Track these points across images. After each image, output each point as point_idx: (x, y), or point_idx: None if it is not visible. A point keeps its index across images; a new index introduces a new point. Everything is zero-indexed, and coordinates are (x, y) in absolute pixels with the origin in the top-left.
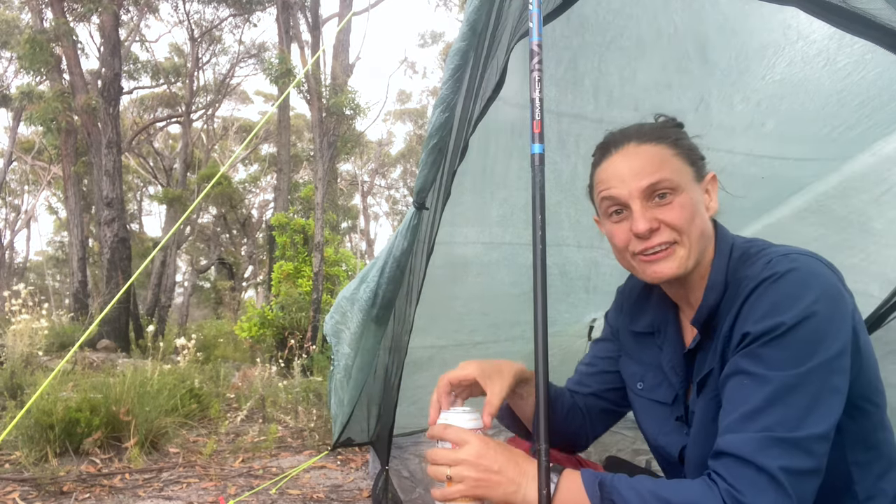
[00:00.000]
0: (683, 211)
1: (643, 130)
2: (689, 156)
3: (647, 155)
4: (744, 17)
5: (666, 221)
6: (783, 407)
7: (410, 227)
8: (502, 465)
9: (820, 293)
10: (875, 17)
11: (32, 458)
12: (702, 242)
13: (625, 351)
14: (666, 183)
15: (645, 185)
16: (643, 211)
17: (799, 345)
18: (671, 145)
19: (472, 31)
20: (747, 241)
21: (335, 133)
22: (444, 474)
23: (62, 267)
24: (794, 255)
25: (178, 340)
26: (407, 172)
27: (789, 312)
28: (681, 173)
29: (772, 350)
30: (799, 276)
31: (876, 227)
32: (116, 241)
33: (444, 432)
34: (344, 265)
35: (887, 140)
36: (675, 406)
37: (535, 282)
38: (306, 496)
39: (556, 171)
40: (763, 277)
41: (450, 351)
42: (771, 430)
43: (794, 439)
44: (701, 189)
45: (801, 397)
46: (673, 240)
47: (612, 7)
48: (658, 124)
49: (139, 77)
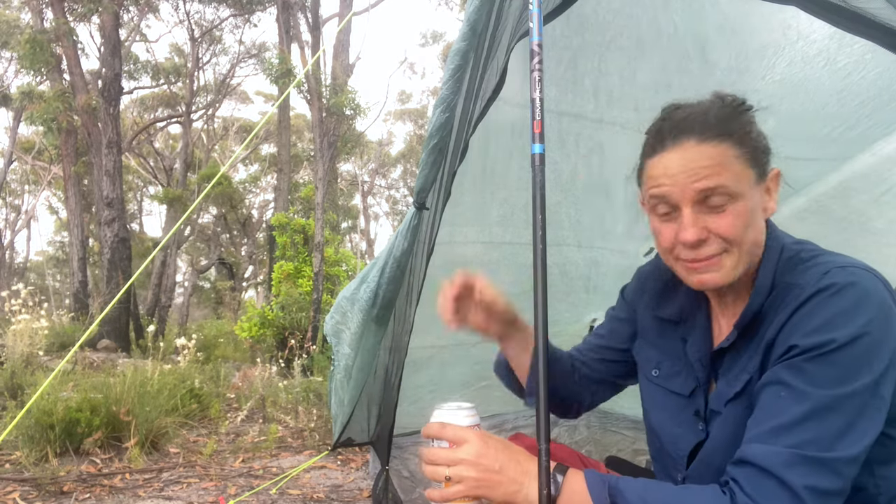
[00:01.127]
0: (737, 221)
1: (707, 122)
2: (755, 155)
3: (706, 156)
4: (744, 17)
5: (717, 232)
6: (819, 426)
7: (411, 227)
8: (503, 464)
9: (875, 313)
10: (875, 17)
11: (33, 458)
12: (753, 251)
13: (643, 335)
14: (722, 190)
15: (700, 189)
16: (694, 218)
17: (846, 365)
18: (736, 144)
19: (472, 32)
20: (797, 242)
21: (335, 133)
22: (442, 475)
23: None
24: (852, 268)
25: (179, 340)
26: (407, 172)
27: (843, 330)
28: (741, 178)
29: (816, 366)
30: (857, 292)
31: (876, 227)
32: (117, 241)
33: (442, 431)
34: (344, 265)
35: (887, 140)
36: (692, 399)
37: (536, 282)
38: (306, 496)
39: (556, 170)
40: (819, 288)
41: (450, 351)
42: (802, 447)
43: (825, 459)
44: (761, 190)
45: (838, 418)
46: (722, 250)
47: (612, 7)
48: (725, 113)
49: (139, 77)
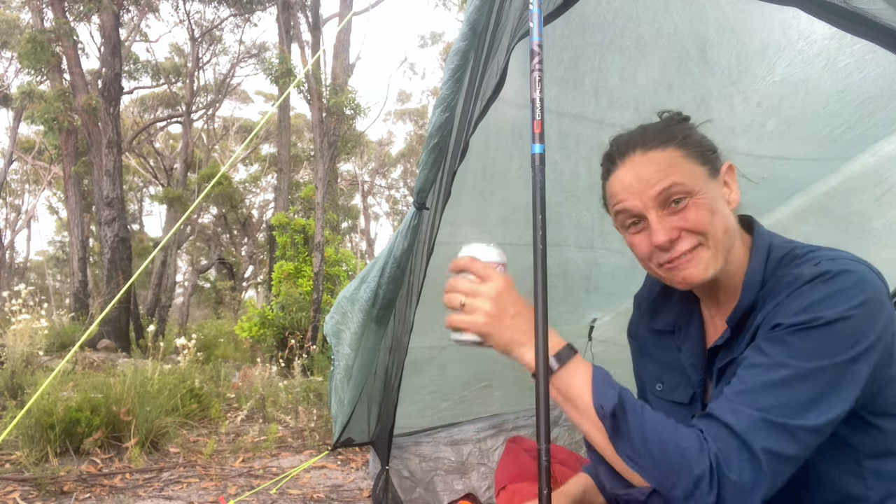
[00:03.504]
0: (701, 212)
1: (647, 135)
2: (701, 153)
3: (654, 162)
4: (744, 17)
5: (685, 227)
6: (787, 393)
7: (411, 227)
8: (518, 313)
9: (866, 298)
10: (875, 18)
11: (33, 457)
12: (727, 240)
13: (643, 351)
14: (678, 187)
15: (657, 192)
16: (660, 221)
17: (826, 340)
18: (679, 146)
19: (472, 32)
20: (788, 242)
21: (335, 133)
22: (458, 301)
23: (62, 267)
24: (844, 259)
25: (179, 340)
26: (407, 172)
27: (831, 310)
28: (693, 174)
29: (796, 339)
30: (851, 278)
31: (876, 227)
32: (117, 240)
33: (470, 264)
34: (344, 265)
35: (887, 140)
36: (692, 406)
37: (536, 282)
38: (306, 496)
39: (556, 171)
40: (814, 275)
41: (450, 351)
42: (767, 412)
43: (786, 425)
44: (718, 184)
45: (808, 389)
46: (697, 244)
47: (612, 7)
48: (662, 124)
49: (139, 77)
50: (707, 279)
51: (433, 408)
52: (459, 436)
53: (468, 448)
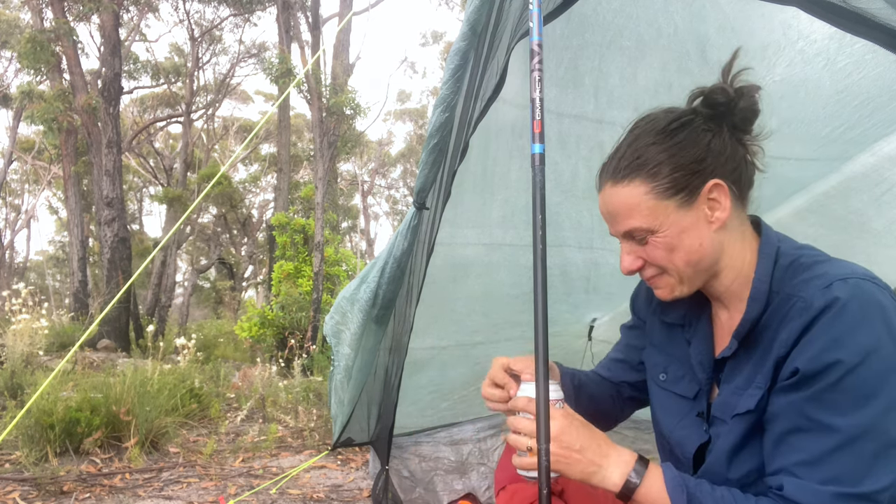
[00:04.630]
0: (657, 251)
1: (620, 164)
2: (672, 183)
3: (619, 199)
4: (744, 17)
5: (647, 259)
6: (847, 457)
7: (411, 227)
8: (584, 445)
9: (881, 326)
10: (875, 17)
11: (33, 457)
12: (692, 268)
13: (651, 341)
14: (637, 231)
15: (620, 231)
16: (627, 250)
17: (859, 387)
18: (647, 178)
19: (472, 31)
20: (798, 248)
21: (335, 133)
22: (525, 445)
23: (62, 267)
24: (854, 279)
25: (179, 340)
26: (407, 172)
27: (848, 349)
28: (655, 213)
29: (831, 393)
30: (859, 306)
31: (876, 227)
32: (117, 240)
33: (529, 405)
34: (344, 265)
35: (887, 140)
36: (696, 401)
37: (536, 282)
38: (306, 496)
39: (556, 171)
40: (822, 307)
41: (450, 351)
42: (837, 483)
43: (860, 494)
44: (695, 208)
45: (864, 447)
46: (659, 272)
47: (612, 7)
48: (639, 145)
49: (139, 77)
50: (677, 298)
51: (433, 408)
52: (459, 436)
53: (468, 448)
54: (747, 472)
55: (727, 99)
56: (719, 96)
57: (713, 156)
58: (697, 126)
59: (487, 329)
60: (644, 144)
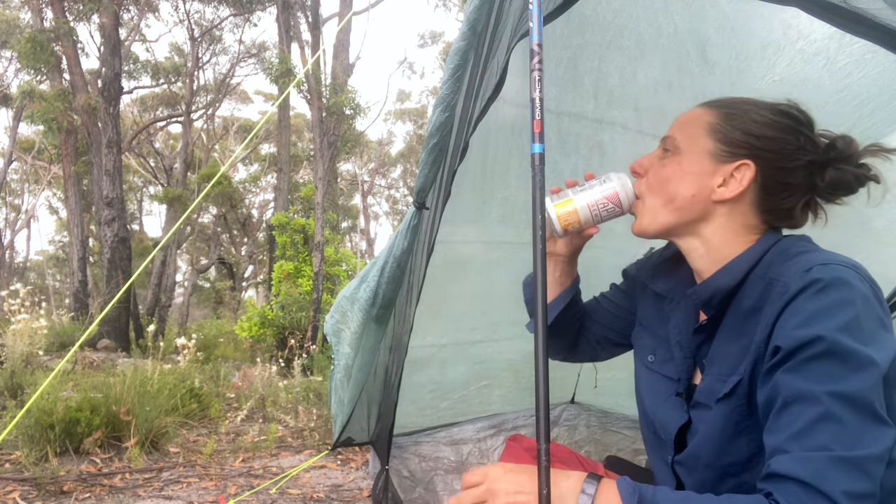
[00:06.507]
0: (661, 171)
1: (722, 101)
2: (729, 135)
3: (691, 114)
4: (744, 17)
5: (649, 174)
6: (835, 426)
7: (410, 226)
8: (521, 483)
9: (860, 303)
10: (875, 17)
11: (33, 457)
12: (663, 211)
13: (640, 321)
14: (670, 141)
15: (667, 135)
16: (650, 156)
17: (841, 357)
18: (718, 116)
19: (472, 31)
20: (793, 239)
21: (335, 133)
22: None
23: (62, 267)
24: (835, 265)
25: (179, 340)
26: (407, 172)
27: (826, 325)
28: (693, 140)
29: (814, 364)
30: (837, 287)
31: (876, 227)
32: (117, 240)
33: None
34: (344, 265)
35: (887, 140)
36: (679, 382)
37: (536, 282)
38: (306, 496)
39: (556, 170)
40: (802, 286)
41: (449, 350)
42: (828, 448)
43: (853, 459)
44: (716, 168)
45: (851, 416)
46: (642, 193)
47: (612, 7)
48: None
49: (139, 77)
50: (638, 234)
51: (433, 407)
52: (459, 435)
53: (468, 448)
54: (732, 462)
55: (837, 154)
56: (839, 143)
57: (777, 153)
58: (799, 132)
59: (487, 327)
60: (748, 101)
